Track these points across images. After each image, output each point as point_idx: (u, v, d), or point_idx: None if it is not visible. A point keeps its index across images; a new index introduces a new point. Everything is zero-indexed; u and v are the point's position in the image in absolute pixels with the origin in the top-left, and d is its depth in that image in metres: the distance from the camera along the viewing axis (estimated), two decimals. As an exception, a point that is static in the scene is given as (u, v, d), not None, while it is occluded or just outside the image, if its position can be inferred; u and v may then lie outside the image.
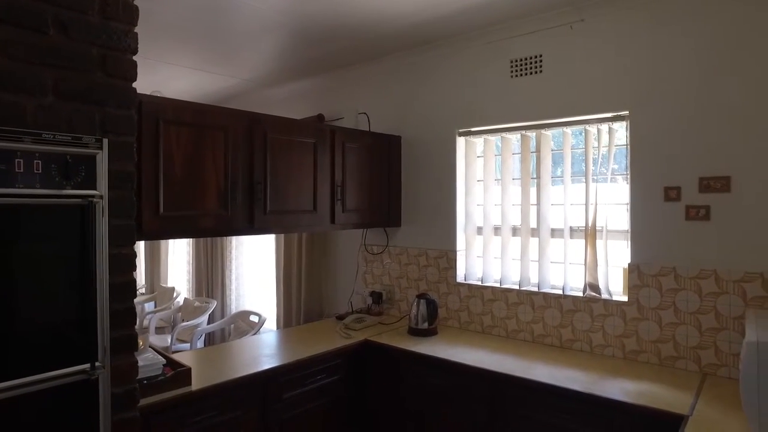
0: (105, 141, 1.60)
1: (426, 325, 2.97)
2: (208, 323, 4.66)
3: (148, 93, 2.19)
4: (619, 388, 2.13)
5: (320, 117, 3.82)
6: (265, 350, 2.77)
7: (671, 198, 2.37)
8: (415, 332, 2.97)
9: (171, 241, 5.88)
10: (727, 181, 2.23)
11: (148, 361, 2.09)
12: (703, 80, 2.30)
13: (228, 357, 2.65)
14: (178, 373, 2.14)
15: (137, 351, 1.73)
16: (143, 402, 1.91)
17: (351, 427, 2.86)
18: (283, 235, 4.10)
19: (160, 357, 2.20)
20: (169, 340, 4.44)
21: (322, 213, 2.97)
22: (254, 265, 4.93)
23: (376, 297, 3.49)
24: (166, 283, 5.82)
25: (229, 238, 4.94)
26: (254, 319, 4.21)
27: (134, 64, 1.67)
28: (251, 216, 2.59)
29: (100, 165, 1.59)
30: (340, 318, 3.33)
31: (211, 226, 2.44)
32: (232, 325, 4.49)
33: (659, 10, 2.41)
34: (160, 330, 5.17)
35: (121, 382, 1.66)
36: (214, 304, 4.83)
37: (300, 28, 2.96)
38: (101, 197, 1.59)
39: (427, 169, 3.33)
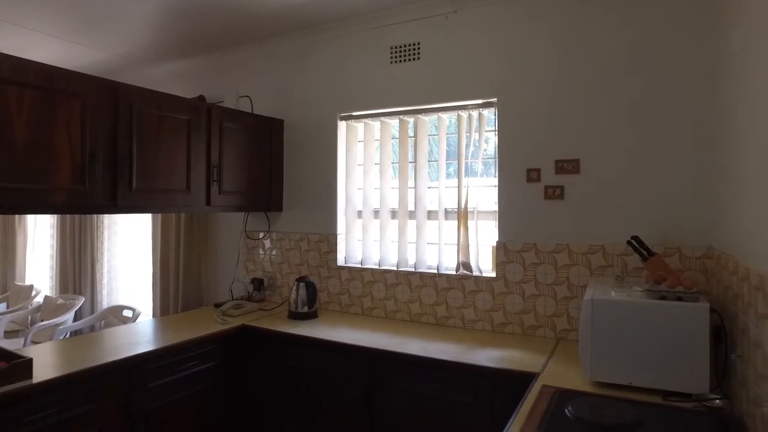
0: None
1: (306, 308, 2.94)
2: (75, 321, 4.23)
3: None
4: (485, 356, 2.25)
5: (201, 99, 3.63)
6: (131, 338, 2.56)
7: (533, 179, 2.56)
8: (295, 316, 2.93)
9: (30, 235, 5.27)
10: (577, 163, 2.46)
11: (-24, 353, 1.84)
12: (558, 71, 2.51)
13: (86, 347, 2.41)
14: (14, 365, 1.90)
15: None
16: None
17: (229, 414, 2.75)
18: (160, 221, 3.85)
19: (-7, 348, 1.94)
20: (23, 343, 3.96)
21: (197, 193, 2.83)
22: (129, 257, 4.57)
23: (258, 284, 3.40)
24: (24, 281, 5.20)
25: (100, 227, 4.54)
26: (128, 313, 3.90)
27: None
28: (114, 193, 2.40)
29: None
30: (219, 306, 3.19)
31: (64, 202, 2.20)
32: (103, 322, 4.11)
33: (524, 4, 2.60)
34: (12, 334, 4.58)
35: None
36: (81, 301, 4.40)
37: (175, 1, 2.79)
38: None
39: (309, 153, 3.30)
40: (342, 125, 3.21)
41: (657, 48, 2.29)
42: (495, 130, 2.70)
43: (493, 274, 2.68)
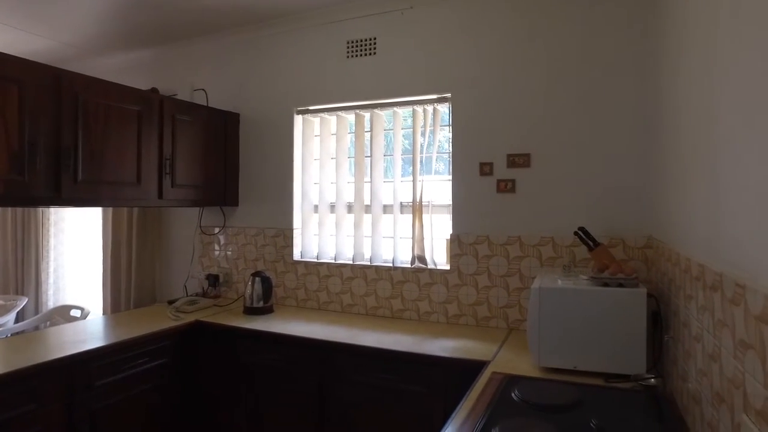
0: None
1: (261, 303, 2.91)
2: (17, 323, 4.04)
3: None
4: (438, 347, 2.28)
5: (154, 91, 3.54)
6: (76, 336, 2.47)
7: (485, 173, 2.61)
8: (251, 311, 2.89)
9: (-30, 232, 4.99)
10: (528, 157, 2.52)
11: None
12: (510, 68, 2.57)
13: (26, 346, 2.31)
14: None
15: None
16: None
17: (181, 411, 2.69)
18: (111, 216, 3.72)
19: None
20: (-38, 344, 3.76)
21: (148, 186, 2.75)
22: (78, 254, 4.40)
23: (213, 280, 3.34)
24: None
25: (45, 224, 4.35)
26: (76, 313, 3.76)
27: None
28: (57, 184, 2.31)
29: None
30: (172, 303, 3.12)
31: (1, 193, 2.11)
32: (48, 323, 3.95)
33: (477, 1, 2.65)
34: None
35: None
36: (23, 302, 4.19)
37: (123, -14, 2.72)
38: None
39: (265, 147, 3.27)
40: (298, 119, 3.19)
41: (603, 47, 2.38)
42: (449, 125, 2.74)
43: (448, 267, 2.72)
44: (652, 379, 1.74)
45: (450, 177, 2.72)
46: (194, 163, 3.04)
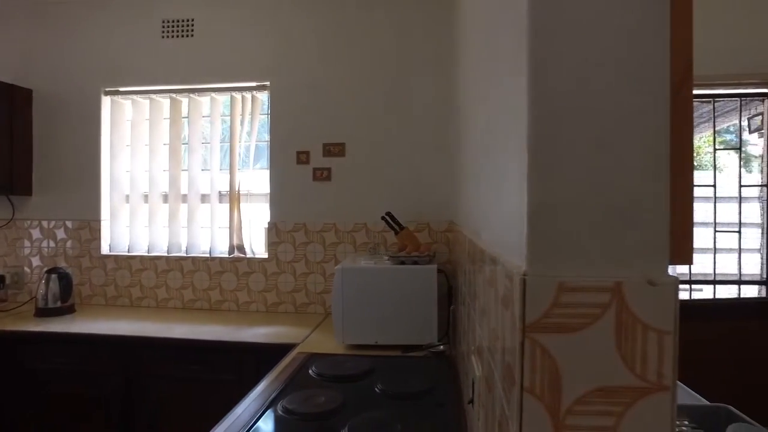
0: None
1: (59, 303, 2.61)
2: None
3: None
4: (251, 334, 2.27)
5: None
6: None
7: (302, 161, 2.66)
8: (45, 313, 2.58)
9: None
10: (342, 146, 2.63)
11: None
12: (327, 59, 2.66)
13: None
14: None
15: None
16: None
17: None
18: None
19: None
20: None
21: None
22: None
23: (-2, 281, 2.90)
24: None
25: None
26: None
27: None
28: None
29: None
30: (-61, 309, 2.64)
31: None
32: None
33: (293, -7, 2.69)
34: None
35: None
36: None
37: None
38: None
39: (67, 130, 2.93)
40: (107, 101, 2.92)
41: (412, 47, 2.58)
42: (267, 114, 2.73)
43: (266, 255, 2.72)
44: (441, 347, 1.95)
45: (268, 166, 2.72)
46: (-30, 144, 2.61)
